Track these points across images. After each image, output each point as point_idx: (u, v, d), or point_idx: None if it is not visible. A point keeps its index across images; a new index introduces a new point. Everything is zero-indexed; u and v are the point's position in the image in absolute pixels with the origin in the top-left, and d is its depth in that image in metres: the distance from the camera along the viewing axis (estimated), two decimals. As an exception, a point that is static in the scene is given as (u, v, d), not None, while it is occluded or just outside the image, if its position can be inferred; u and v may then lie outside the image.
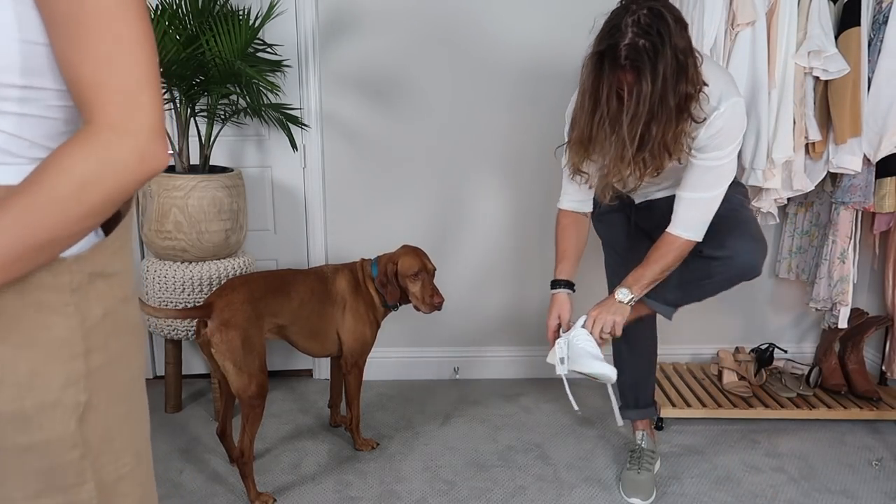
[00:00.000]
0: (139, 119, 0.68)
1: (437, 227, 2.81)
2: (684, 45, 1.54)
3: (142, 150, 0.68)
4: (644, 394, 2.19)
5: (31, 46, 0.66)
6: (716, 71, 1.72)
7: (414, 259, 2.18)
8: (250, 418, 1.97)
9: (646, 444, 2.17)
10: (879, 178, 2.35)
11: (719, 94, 1.67)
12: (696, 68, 1.59)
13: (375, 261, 2.24)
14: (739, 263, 1.83)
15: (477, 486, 2.12)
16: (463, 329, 2.90)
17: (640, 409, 2.20)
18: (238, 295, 1.97)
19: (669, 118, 1.58)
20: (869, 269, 2.80)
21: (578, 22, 2.64)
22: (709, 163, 1.73)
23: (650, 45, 1.51)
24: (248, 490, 1.99)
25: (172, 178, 2.33)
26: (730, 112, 1.68)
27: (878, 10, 2.24)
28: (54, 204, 0.64)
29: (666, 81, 1.53)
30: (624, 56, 1.53)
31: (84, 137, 0.66)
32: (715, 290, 1.92)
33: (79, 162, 0.65)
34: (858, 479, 2.17)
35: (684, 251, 1.83)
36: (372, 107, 2.71)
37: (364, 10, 2.63)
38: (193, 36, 2.30)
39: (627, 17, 1.53)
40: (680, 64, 1.54)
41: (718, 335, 2.93)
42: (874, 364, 2.74)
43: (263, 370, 2.00)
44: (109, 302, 0.74)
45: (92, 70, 0.65)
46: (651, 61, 1.52)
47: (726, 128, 1.69)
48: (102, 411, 0.75)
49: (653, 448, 2.17)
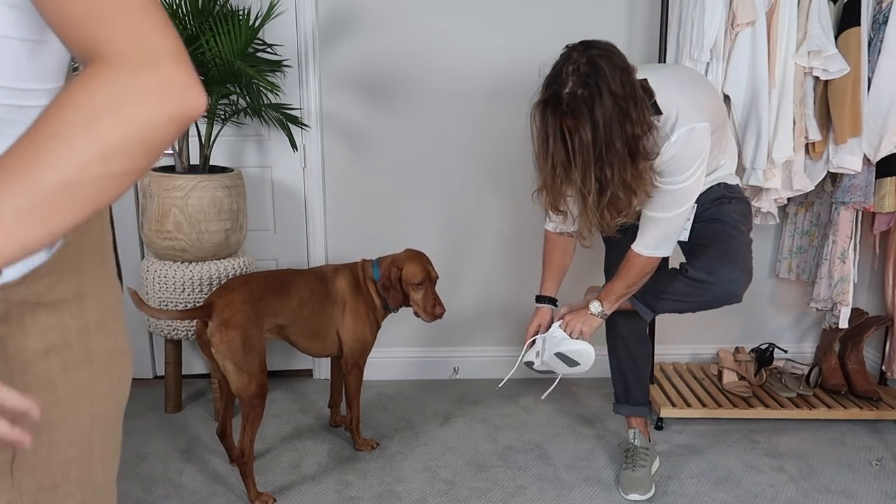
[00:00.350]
0: (155, 42, 0.55)
1: (437, 226, 2.81)
2: (624, 92, 1.58)
3: (167, 78, 0.55)
4: (636, 392, 2.20)
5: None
6: (676, 96, 1.72)
7: (418, 266, 2.18)
8: (250, 418, 1.97)
9: (639, 442, 2.18)
10: (879, 178, 2.35)
11: (673, 123, 1.70)
12: (642, 110, 1.62)
13: (377, 262, 2.24)
14: (720, 292, 1.86)
15: (477, 486, 2.12)
16: (463, 329, 2.90)
17: (632, 406, 2.21)
18: (238, 295, 1.98)
19: (622, 161, 1.62)
20: (869, 269, 2.80)
21: (589, 20, 2.65)
22: (666, 187, 1.76)
23: (588, 95, 1.56)
24: (249, 490, 1.99)
25: (172, 178, 2.33)
26: (683, 140, 1.70)
27: (878, 10, 2.24)
28: (57, 138, 0.52)
29: (607, 128, 1.57)
30: (565, 104, 1.59)
31: (90, 71, 0.54)
32: (693, 309, 1.97)
33: (86, 91, 0.53)
34: (858, 479, 2.17)
35: (647, 267, 1.87)
36: (372, 107, 2.71)
37: (364, 10, 2.63)
38: (193, 36, 2.30)
39: (568, 65, 1.59)
40: (621, 109, 1.58)
41: (718, 335, 2.93)
42: (874, 364, 2.74)
43: (263, 370, 2.00)
44: (56, 334, 0.65)
45: (85, 4, 0.54)
46: (589, 110, 1.57)
47: (678, 156, 1.71)
48: (42, 459, 0.66)
49: (646, 445, 2.18)
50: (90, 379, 0.70)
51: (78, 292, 0.68)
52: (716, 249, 1.87)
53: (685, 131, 1.69)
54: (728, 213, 1.91)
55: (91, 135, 0.52)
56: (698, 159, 1.73)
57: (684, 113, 1.70)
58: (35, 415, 0.54)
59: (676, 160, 1.71)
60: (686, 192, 1.76)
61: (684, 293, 1.90)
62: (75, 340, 0.67)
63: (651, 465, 2.15)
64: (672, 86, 1.74)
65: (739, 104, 2.30)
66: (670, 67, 1.94)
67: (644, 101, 1.63)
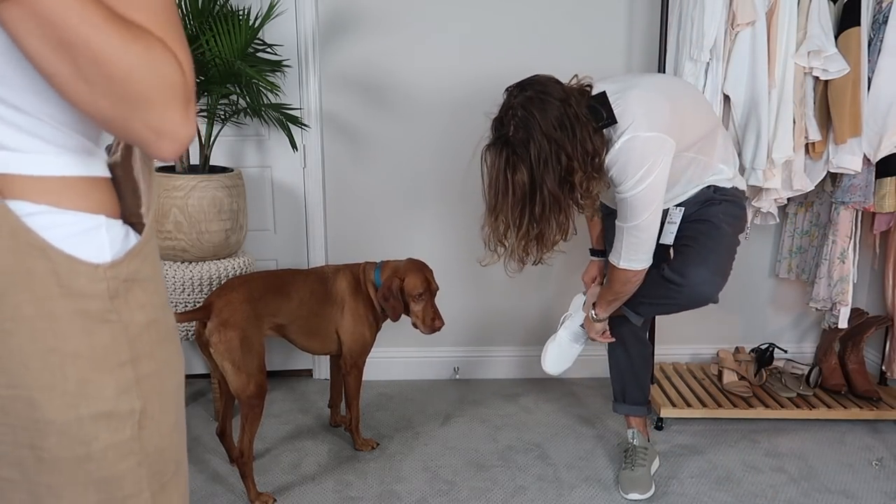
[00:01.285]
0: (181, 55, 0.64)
1: (437, 226, 2.81)
2: (559, 127, 1.67)
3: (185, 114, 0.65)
4: (633, 392, 2.21)
5: None
6: (634, 106, 1.75)
7: (419, 278, 2.17)
8: (249, 418, 1.97)
9: (638, 442, 2.19)
10: (879, 178, 2.35)
11: (621, 131, 1.75)
12: (583, 138, 1.69)
13: (379, 266, 2.23)
14: (691, 294, 1.87)
15: (477, 486, 2.12)
16: (463, 329, 2.90)
17: (630, 406, 2.22)
18: (237, 295, 1.97)
19: (556, 196, 1.71)
20: (869, 269, 2.80)
21: (589, 21, 2.65)
22: (620, 195, 1.79)
23: (524, 137, 1.67)
24: (248, 490, 1.99)
25: (172, 178, 2.33)
26: (625, 148, 1.73)
27: (878, 10, 2.24)
28: (96, 26, 0.58)
29: (541, 166, 1.68)
30: (506, 147, 1.71)
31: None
32: (675, 310, 2.01)
33: (145, 33, 0.62)
34: (858, 479, 2.17)
35: (626, 278, 1.89)
36: (372, 107, 2.71)
37: (364, 10, 2.63)
38: (193, 36, 2.30)
39: (507, 109, 1.72)
40: (556, 145, 1.67)
41: (718, 335, 2.93)
42: (874, 364, 2.74)
43: (262, 370, 1.99)
44: (150, 309, 0.74)
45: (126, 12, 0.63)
46: (526, 151, 1.68)
47: (621, 162, 1.75)
48: (157, 420, 0.75)
49: (645, 445, 2.19)
50: (175, 350, 0.79)
51: (154, 272, 0.76)
52: (693, 250, 1.88)
53: (627, 139, 1.73)
54: (715, 213, 1.92)
55: (118, 42, 0.59)
56: (642, 168, 1.73)
57: (637, 122, 1.74)
58: None
59: (619, 167, 1.75)
60: (638, 201, 1.77)
61: (661, 296, 1.93)
62: (160, 315, 0.76)
63: (650, 464, 2.15)
64: (632, 95, 1.77)
65: (739, 104, 2.30)
66: (650, 77, 1.96)
67: (587, 126, 1.70)
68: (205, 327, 1.95)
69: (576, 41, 2.67)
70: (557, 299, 2.86)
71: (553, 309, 2.87)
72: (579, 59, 2.69)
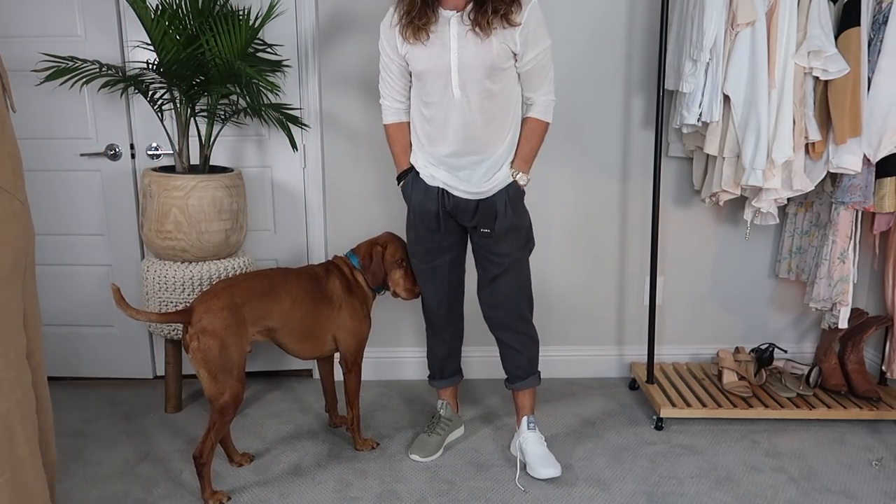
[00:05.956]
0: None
1: (437, 227, 2.81)
2: None
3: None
4: (450, 366, 2.38)
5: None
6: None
7: (399, 244, 2.28)
8: (217, 425, 1.94)
9: (444, 413, 2.37)
10: (879, 178, 2.35)
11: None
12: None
13: (352, 252, 2.28)
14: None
15: (477, 486, 2.12)
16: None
17: (444, 380, 2.39)
18: (218, 301, 1.94)
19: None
20: (869, 269, 2.81)
21: (589, 20, 2.65)
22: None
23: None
24: (203, 489, 1.97)
25: (172, 178, 2.33)
26: None
27: (878, 10, 2.25)
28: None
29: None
30: None
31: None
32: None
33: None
34: (858, 479, 2.17)
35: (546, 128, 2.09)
36: (372, 107, 2.72)
37: (364, 11, 2.63)
38: (193, 36, 2.30)
39: None
40: None
41: (718, 335, 2.93)
42: (874, 364, 2.74)
43: (241, 379, 1.96)
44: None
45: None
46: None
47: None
48: None
49: (451, 417, 2.37)
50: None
51: None
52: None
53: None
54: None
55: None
56: None
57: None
58: None
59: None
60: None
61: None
62: None
63: (448, 434, 2.35)
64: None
65: (739, 104, 2.31)
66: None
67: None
68: (187, 332, 1.94)
69: (576, 41, 2.67)
70: (558, 299, 2.86)
71: (553, 308, 2.87)
72: (579, 58, 2.69)
